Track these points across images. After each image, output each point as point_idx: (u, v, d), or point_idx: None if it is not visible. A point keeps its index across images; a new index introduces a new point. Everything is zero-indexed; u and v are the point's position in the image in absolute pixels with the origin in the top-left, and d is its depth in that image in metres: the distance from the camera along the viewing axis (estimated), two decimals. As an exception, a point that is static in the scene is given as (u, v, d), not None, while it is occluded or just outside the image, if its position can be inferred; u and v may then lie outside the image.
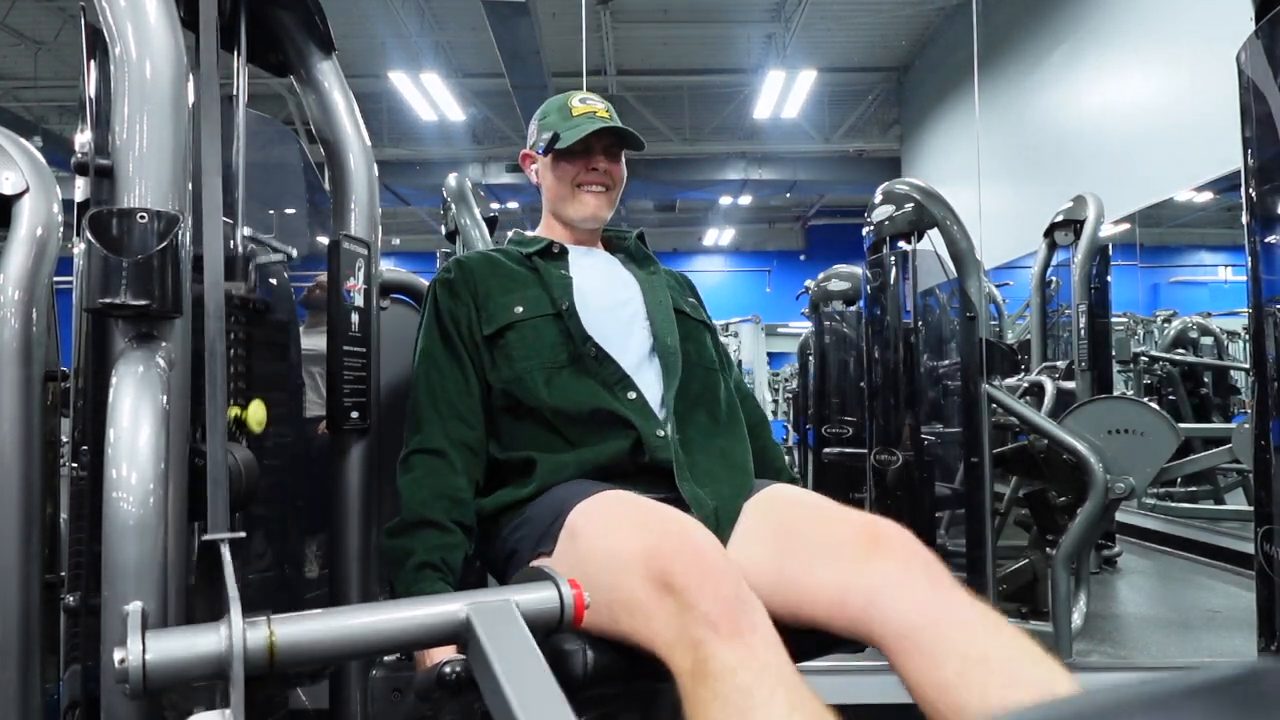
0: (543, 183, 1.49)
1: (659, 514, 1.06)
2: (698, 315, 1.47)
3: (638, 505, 1.09)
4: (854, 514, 1.12)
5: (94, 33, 0.96)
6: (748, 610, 0.91)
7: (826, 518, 1.13)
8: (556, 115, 1.45)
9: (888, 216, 2.46)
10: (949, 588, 0.99)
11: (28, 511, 1.06)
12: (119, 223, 0.86)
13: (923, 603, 0.97)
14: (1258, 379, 1.23)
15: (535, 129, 1.48)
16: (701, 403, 1.33)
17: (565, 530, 1.12)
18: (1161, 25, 4.82)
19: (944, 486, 2.52)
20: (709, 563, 0.94)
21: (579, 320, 1.31)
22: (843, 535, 1.07)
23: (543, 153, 1.44)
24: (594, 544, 1.05)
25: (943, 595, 0.97)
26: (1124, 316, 4.84)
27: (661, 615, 0.93)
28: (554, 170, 1.45)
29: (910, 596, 0.97)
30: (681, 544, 0.97)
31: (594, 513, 1.11)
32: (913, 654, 0.94)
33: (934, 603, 0.96)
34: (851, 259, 4.05)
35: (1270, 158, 1.19)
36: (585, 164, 1.43)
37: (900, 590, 0.98)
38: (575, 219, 1.45)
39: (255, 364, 1.19)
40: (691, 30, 8.59)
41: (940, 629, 0.94)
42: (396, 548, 1.18)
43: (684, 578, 0.92)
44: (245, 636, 0.73)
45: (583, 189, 1.43)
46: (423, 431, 1.27)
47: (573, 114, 1.43)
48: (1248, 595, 2.28)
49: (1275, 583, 1.15)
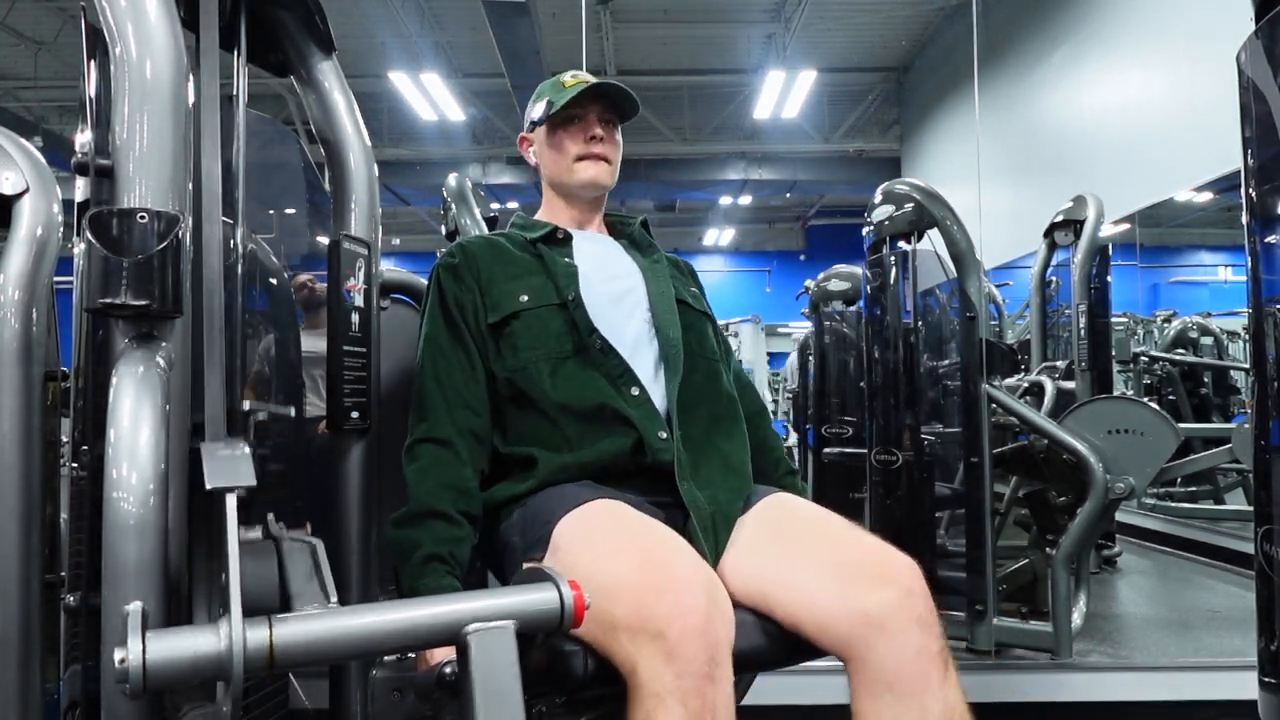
0: (541, 160, 1.48)
1: (643, 536, 1.06)
2: (699, 305, 1.46)
3: (621, 523, 1.09)
4: (866, 539, 1.14)
5: (94, 33, 0.96)
6: (715, 680, 0.94)
7: (837, 538, 1.14)
8: (550, 90, 1.45)
9: (888, 216, 2.46)
10: (933, 655, 1.03)
11: (28, 511, 1.06)
12: (119, 223, 0.86)
13: (904, 659, 1.01)
14: (1258, 379, 1.23)
15: (531, 110, 1.49)
16: (703, 397, 1.33)
17: (551, 542, 1.12)
18: (1161, 26, 4.82)
19: (944, 486, 2.52)
20: (691, 614, 0.95)
21: (585, 311, 1.30)
22: (851, 559, 1.09)
23: (538, 121, 1.44)
24: (576, 562, 1.05)
25: (924, 663, 1.02)
26: (1124, 316, 4.84)
27: (634, 644, 0.95)
28: (550, 142, 1.44)
29: (897, 648, 1.02)
30: (668, 577, 0.98)
31: (577, 527, 1.11)
32: (871, 697, 1.02)
33: (913, 663, 1.01)
34: (851, 259, 4.04)
35: (1270, 158, 1.19)
36: (583, 134, 1.42)
37: (891, 638, 1.02)
38: (575, 186, 1.44)
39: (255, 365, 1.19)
40: (691, 30, 8.59)
41: (905, 692, 1.01)
42: (403, 538, 1.17)
43: (666, 624, 0.94)
44: (245, 636, 0.73)
45: (582, 161, 1.43)
46: (429, 419, 1.26)
47: (565, 86, 1.43)
48: (1248, 595, 2.28)
49: (1275, 583, 1.15)
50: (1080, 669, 2.23)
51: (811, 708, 2.04)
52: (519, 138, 1.52)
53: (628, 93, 1.43)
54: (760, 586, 1.12)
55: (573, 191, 1.45)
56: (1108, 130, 5.35)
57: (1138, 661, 2.31)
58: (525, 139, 1.51)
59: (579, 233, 1.45)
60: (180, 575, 0.91)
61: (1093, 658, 2.32)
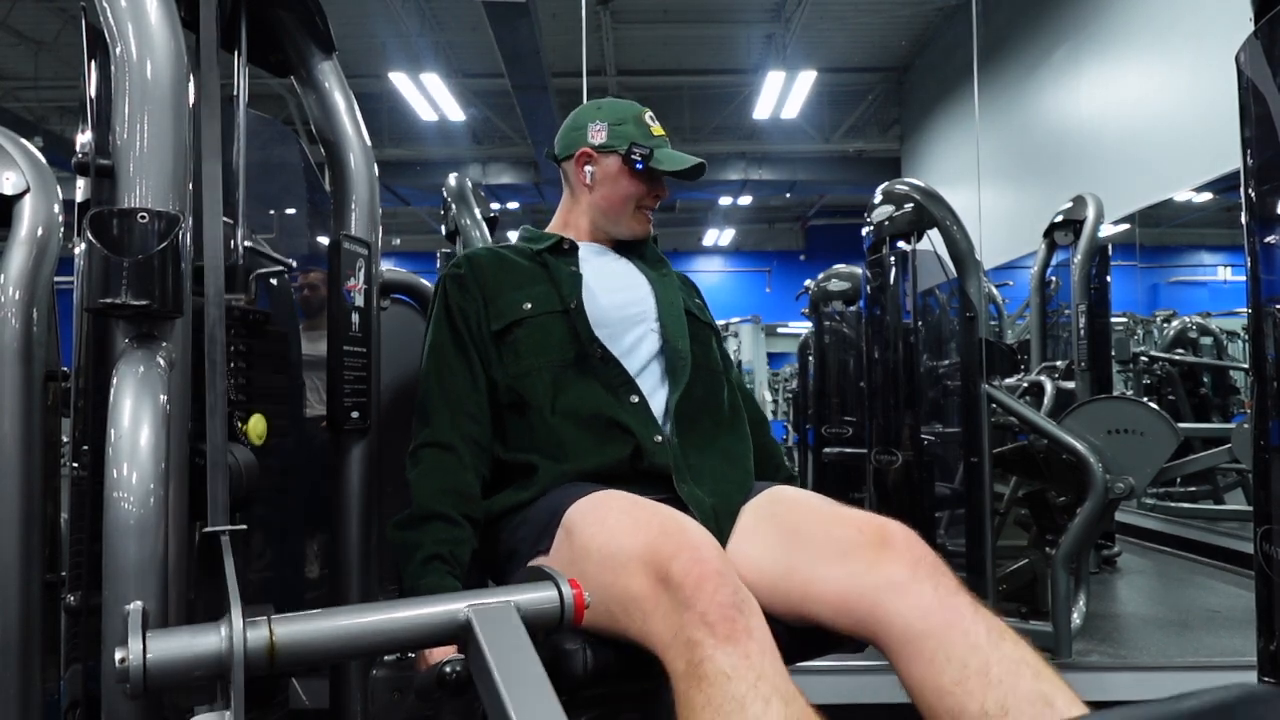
0: (600, 188, 1.44)
1: (656, 512, 1.06)
2: (704, 317, 1.48)
3: (635, 503, 1.10)
4: (861, 514, 1.13)
5: (94, 33, 0.96)
6: (745, 614, 0.91)
7: (833, 518, 1.13)
8: (635, 127, 1.43)
9: (888, 216, 2.46)
10: (954, 593, 0.99)
11: (28, 511, 1.06)
12: (119, 223, 0.86)
13: (928, 608, 0.97)
14: (1257, 379, 1.23)
15: (603, 129, 1.42)
16: (705, 406, 1.34)
17: (562, 527, 1.12)
18: (1161, 26, 4.82)
19: (944, 486, 2.52)
20: (707, 562, 0.94)
21: (586, 318, 1.31)
22: (850, 535, 1.08)
23: (639, 166, 1.40)
24: (591, 541, 1.06)
25: (948, 601, 0.98)
26: (1124, 316, 4.84)
27: (659, 612, 0.93)
28: (626, 183, 1.43)
29: (916, 601, 0.98)
30: (680, 541, 0.98)
31: (590, 510, 1.11)
32: (915, 659, 0.96)
33: (939, 609, 0.97)
34: (851, 259, 4.04)
35: (1270, 158, 1.19)
36: (653, 189, 1.44)
37: (906, 594, 0.99)
38: (627, 233, 1.46)
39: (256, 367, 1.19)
40: (691, 30, 8.58)
41: (943, 635, 0.95)
42: (405, 540, 1.19)
43: (682, 575, 0.92)
44: (245, 636, 0.73)
45: (640, 210, 1.44)
46: (431, 425, 1.27)
47: (652, 133, 1.43)
48: (1247, 595, 2.28)
49: (1275, 583, 1.15)
50: (1080, 669, 2.23)
51: (814, 707, 2.04)
52: (580, 151, 1.44)
53: (704, 170, 1.45)
54: (768, 583, 1.12)
55: (613, 231, 1.47)
56: (1108, 130, 5.35)
57: (1137, 661, 2.31)
58: (589, 155, 1.44)
59: (585, 244, 1.45)
60: (180, 575, 0.91)
61: (1092, 658, 2.32)
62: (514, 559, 1.22)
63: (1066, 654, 2.24)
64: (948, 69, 8.32)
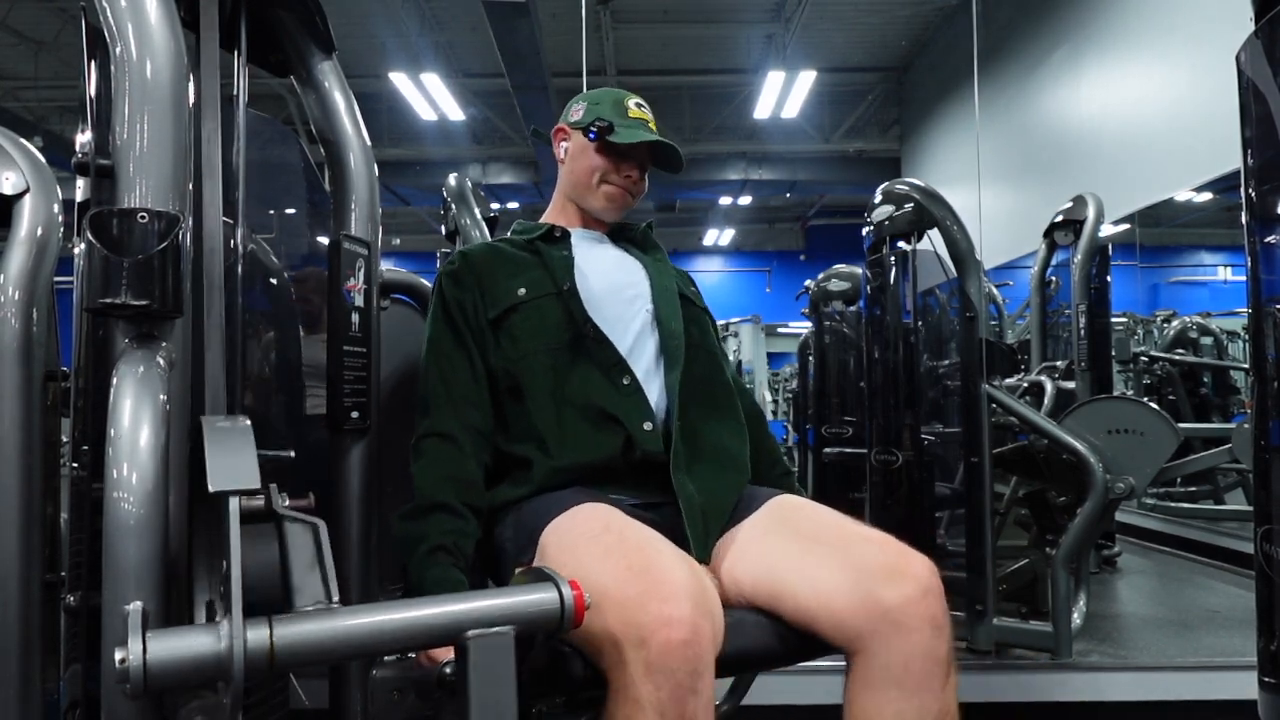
0: (569, 163, 1.47)
1: (629, 541, 1.06)
2: (700, 303, 1.49)
3: (608, 529, 1.09)
4: (882, 536, 1.15)
5: (94, 33, 0.96)
6: (698, 691, 0.93)
7: (854, 536, 1.15)
8: (610, 107, 1.44)
9: (888, 216, 2.46)
10: (941, 656, 1.03)
11: (28, 511, 1.06)
12: (119, 223, 0.86)
13: (910, 656, 1.02)
14: (1257, 379, 1.23)
15: (582, 109, 1.47)
16: (703, 388, 1.35)
17: (539, 547, 1.14)
18: (1161, 26, 4.82)
19: (944, 486, 2.52)
20: (675, 624, 0.93)
21: (579, 300, 1.33)
22: (869, 554, 1.10)
23: (593, 136, 1.42)
24: (560, 569, 1.06)
25: (930, 669, 1.02)
26: (1124, 316, 4.84)
27: (615, 653, 0.94)
28: (588, 156, 1.44)
29: (909, 649, 1.02)
30: (647, 585, 0.96)
31: (563, 531, 1.12)
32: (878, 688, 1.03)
33: (921, 660, 1.02)
34: (851, 259, 4.04)
35: (1270, 158, 1.19)
36: (621, 166, 1.44)
37: (905, 637, 1.02)
38: (593, 208, 1.46)
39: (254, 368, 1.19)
40: (691, 30, 8.59)
41: (907, 698, 1.02)
42: (410, 532, 1.19)
43: (649, 633, 0.92)
44: (245, 636, 0.73)
45: (607, 185, 1.44)
46: (432, 416, 1.28)
47: (628, 114, 1.44)
48: (1247, 595, 2.28)
49: (1275, 583, 1.15)
50: (1080, 669, 2.23)
51: (812, 708, 2.04)
52: (555, 128, 1.50)
53: (679, 154, 1.45)
54: (771, 581, 1.12)
55: (585, 206, 1.48)
56: (1108, 130, 5.35)
57: (1137, 661, 2.31)
58: (563, 131, 1.49)
59: (578, 230, 1.47)
60: (180, 575, 0.91)
61: (1092, 658, 2.32)
62: (502, 558, 1.24)
63: (1066, 654, 2.24)
64: (948, 69, 8.31)
